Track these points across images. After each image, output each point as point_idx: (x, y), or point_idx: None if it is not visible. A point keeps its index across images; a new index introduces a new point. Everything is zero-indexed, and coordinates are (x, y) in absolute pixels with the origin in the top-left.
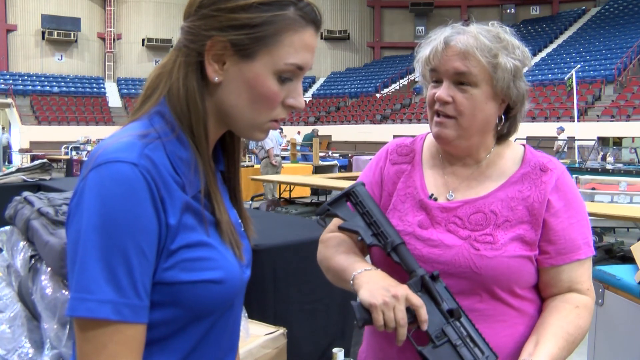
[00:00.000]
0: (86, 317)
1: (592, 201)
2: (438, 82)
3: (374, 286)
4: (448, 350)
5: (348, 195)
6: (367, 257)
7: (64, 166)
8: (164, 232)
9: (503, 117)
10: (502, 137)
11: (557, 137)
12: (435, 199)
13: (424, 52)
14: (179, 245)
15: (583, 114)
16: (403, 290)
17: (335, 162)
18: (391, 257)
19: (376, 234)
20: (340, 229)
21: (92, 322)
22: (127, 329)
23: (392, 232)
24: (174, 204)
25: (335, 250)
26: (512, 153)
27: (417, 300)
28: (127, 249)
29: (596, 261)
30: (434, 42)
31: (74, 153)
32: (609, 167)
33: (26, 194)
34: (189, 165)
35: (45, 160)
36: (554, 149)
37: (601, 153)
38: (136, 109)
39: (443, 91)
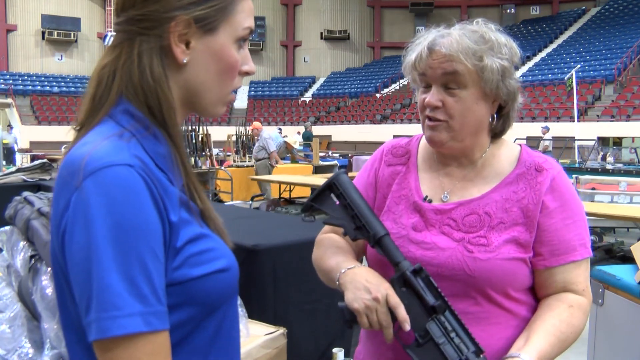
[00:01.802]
0: (118, 336)
1: (592, 201)
2: (428, 86)
3: (357, 287)
4: (432, 348)
5: (330, 186)
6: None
7: None
8: (168, 231)
9: (495, 115)
10: (496, 134)
11: (542, 136)
12: (430, 201)
13: (410, 57)
14: (183, 242)
15: (583, 114)
16: (384, 290)
17: (335, 162)
18: (376, 250)
19: (359, 227)
20: (325, 224)
21: (123, 339)
22: (156, 338)
23: (375, 224)
24: (172, 200)
25: (326, 251)
26: (508, 153)
27: (394, 300)
28: (143, 254)
29: (596, 261)
30: (419, 47)
31: None
32: (609, 167)
33: (26, 194)
34: (170, 160)
35: (45, 160)
36: (541, 149)
37: (601, 153)
38: (89, 111)
39: (432, 97)
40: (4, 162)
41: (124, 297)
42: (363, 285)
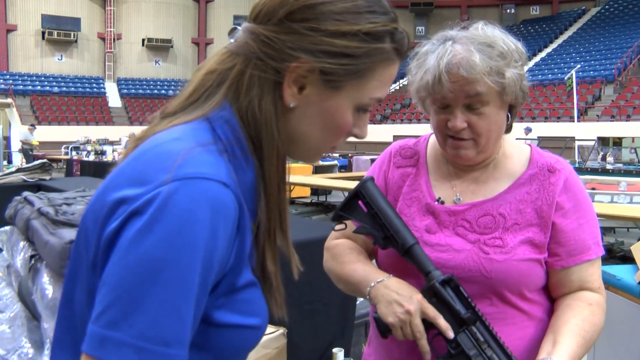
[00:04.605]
0: None
1: (592, 201)
2: (444, 106)
3: (389, 300)
4: None
5: (357, 194)
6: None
7: (64, 166)
8: (229, 267)
9: (509, 115)
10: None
11: (525, 137)
12: (442, 202)
13: (422, 78)
14: (240, 283)
15: (583, 114)
16: (417, 303)
17: (335, 162)
18: (405, 259)
19: (387, 237)
20: (356, 233)
21: None
22: None
23: (404, 233)
24: (247, 234)
25: (343, 261)
26: (519, 153)
27: (432, 312)
28: (207, 289)
29: None
30: (430, 65)
31: (74, 153)
32: (609, 167)
33: (26, 194)
34: (252, 191)
35: (45, 160)
36: None
37: (601, 153)
38: (175, 111)
39: (458, 120)
40: (4, 162)
41: (185, 334)
42: (394, 298)
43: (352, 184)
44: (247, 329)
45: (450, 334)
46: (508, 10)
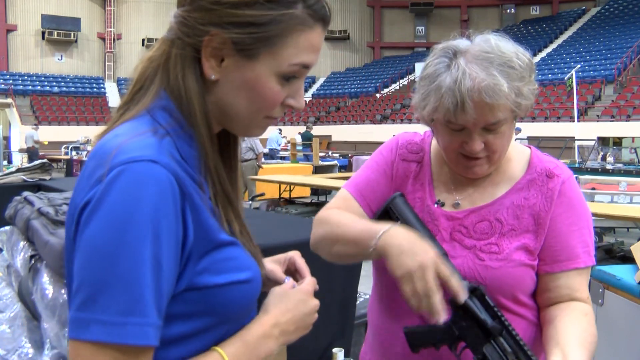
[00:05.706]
0: (135, 345)
1: (592, 201)
2: (460, 129)
3: (401, 250)
4: None
5: (387, 211)
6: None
7: (64, 166)
8: (192, 234)
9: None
10: None
11: (516, 137)
12: (442, 205)
13: (439, 102)
14: (209, 247)
15: (583, 114)
16: (433, 256)
17: (335, 162)
18: None
19: None
20: None
21: (134, 350)
22: (147, 355)
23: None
24: (198, 204)
25: (339, 222)
26: (519, 156)
27: (446, 271)
28: (163, 259)
29: (596, 261)
30: (448, 89)
31: (74, 153)
32: (609, 167)
33: (26, 193)
34: (201, 165)
35: (45, 160)
36: None
37: (601, 153)
38: (126, 101)
39: (476, 144)
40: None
41: (150, 304)
42: (407, 248)
43: None
44: (240, 284)
45: (462, 297)
46: (508, 10)
